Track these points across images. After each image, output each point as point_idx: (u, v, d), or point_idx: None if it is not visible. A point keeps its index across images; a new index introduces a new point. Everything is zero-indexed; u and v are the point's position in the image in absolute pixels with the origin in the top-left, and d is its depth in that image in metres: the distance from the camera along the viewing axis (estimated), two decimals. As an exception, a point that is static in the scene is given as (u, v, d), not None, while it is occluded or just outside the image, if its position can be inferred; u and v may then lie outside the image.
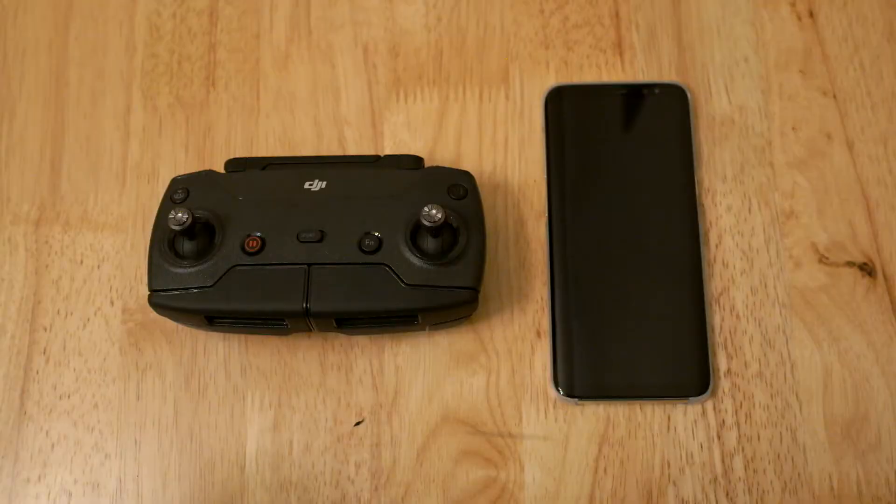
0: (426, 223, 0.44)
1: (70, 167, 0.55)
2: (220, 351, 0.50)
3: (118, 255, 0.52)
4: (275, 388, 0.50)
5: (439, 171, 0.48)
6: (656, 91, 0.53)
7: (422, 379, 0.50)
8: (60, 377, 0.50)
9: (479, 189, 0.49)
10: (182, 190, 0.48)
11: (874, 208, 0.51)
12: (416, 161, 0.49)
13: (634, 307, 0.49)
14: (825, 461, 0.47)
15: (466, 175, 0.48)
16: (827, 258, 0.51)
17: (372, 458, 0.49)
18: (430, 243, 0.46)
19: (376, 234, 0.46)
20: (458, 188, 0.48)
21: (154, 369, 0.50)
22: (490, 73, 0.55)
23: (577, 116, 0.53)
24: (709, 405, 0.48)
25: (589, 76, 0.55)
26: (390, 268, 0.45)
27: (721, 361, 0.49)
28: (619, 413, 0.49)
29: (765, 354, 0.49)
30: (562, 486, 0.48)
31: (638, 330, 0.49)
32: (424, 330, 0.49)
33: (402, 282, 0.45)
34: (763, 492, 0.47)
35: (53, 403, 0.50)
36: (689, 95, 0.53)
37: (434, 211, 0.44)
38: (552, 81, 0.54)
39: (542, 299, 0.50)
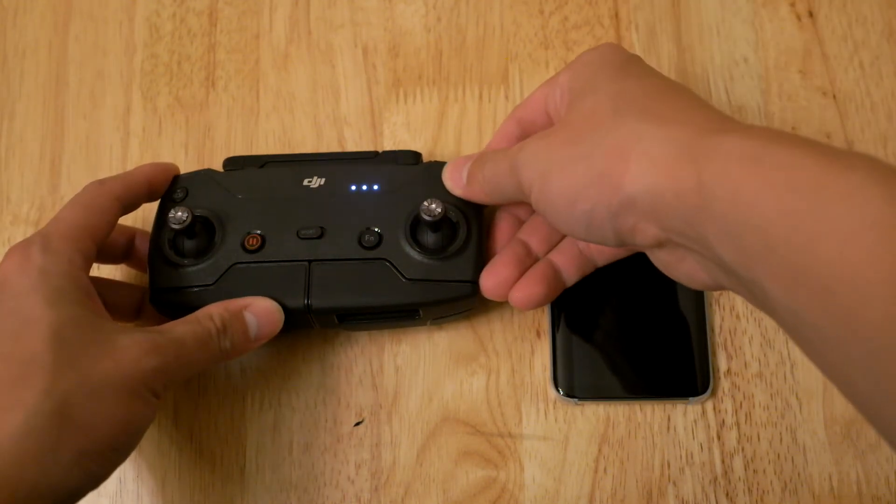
0: (425, 217, 0.44)
1: (70, 167, 0.55)
2: (219, 351, 0.50)
3: (118, 255, 0.52)
4: (275, 388, 0.50)
5: (438, 165, 0.48)
6: (656, 91, 0.53)
7: (422, 379, 0.50)
8: (60, 377, 0.50)
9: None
10: (181, 189, 0.48)
11: (874, 208, 0.51)
12: (414, 156, 0.49)
13: (634, 307, 0.49)
14: (825, 461, 0.47)
15: (465, 170, 0.49)
16: (827, 258, 0.51)
17: (372, 458, 0.49)
18: (429, 238, 0.46)
19: (376, 229, 0.46)
20: None
21: (154, 369, 0.50)
22: (490, 73, 0.55)
23: (577, 116, 0.53)
24: (709, 405, 0.48)
25: (589, 76, 0.55)
26: (391, 263, 0.45)
27: (721, 361, 0.49)
28: (618, 413, 0.49)
29: (765, 354, 0.49)
30: (562, 486, 0.48)
31: (638, 330, 0.49)
32: (426, 324, 0.49)
33: (403, 276, 0.45)
34: (763, 492, 0.47)
35: (53, 403, 0.50)
36: (688, 95, 0.53)
37: (433, 205, 0.44)
38: (552, 82, 0.54)
39: (542, 299, 0.50)
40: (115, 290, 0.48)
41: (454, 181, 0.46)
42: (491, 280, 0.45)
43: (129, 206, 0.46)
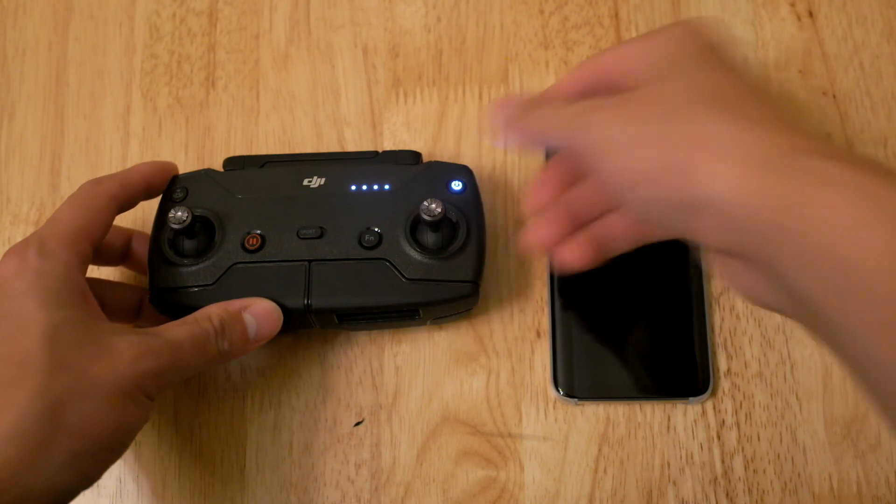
0: (425, 217, 0.44)
1: (70, 167, 0.55)
2: (219, 351, 0.50)
3: (118, 255, 0.52)
4: (275, 388, 0.50)
5: (438, 165, 0.48)
6: (656, 91, 0.53)
7: (422, 379, 0.50)
8: (60, 377, 0.50)
9: (479, 185, 0.49)
10: (181, 189, 0.48)
11: (874, 208, 0.51)
12: (414, 156, 0.49)
13: (634, 307, 0.49)
14: (825, 461, 0.47)
15: (465, 169, 0.48)
16: (827, 258, 0.51)
17: (372, 458, 0.49)
18: (429, 237, 0.46)
19: (376, 229, 0.46)
20: (457, 182, 0.48)
21: (154, 369, 0.50)
22: (490, 73, 0.55)
23: (577, 116, 0.53)
24: (709, 405, 0.48)
25: (588, 76, 0.55)
26: (391, 262, 0.45)
27: (721, 361, 0.49)
28: (619, 413, 0.48)
29: (765, 354, 0.49)
30: (562, 486, 0.48)
31: (638, 330, 0.49)
32: (426, 324, 0.49)
33: (403, 276, 0.45)
34: (763, 492, 0.47)
35: (53, 403, 0.50)
36: (688, 95, 0.53)
37: (433, 205, 0.44)
38: (552, 81, 0.54)
39: (542, 299, 0.50)
40: (113, 291, 0.48)
41: (502, 113, 0.41)
42: (540, 233, 0.42)
43: (126, 205, 0.46)
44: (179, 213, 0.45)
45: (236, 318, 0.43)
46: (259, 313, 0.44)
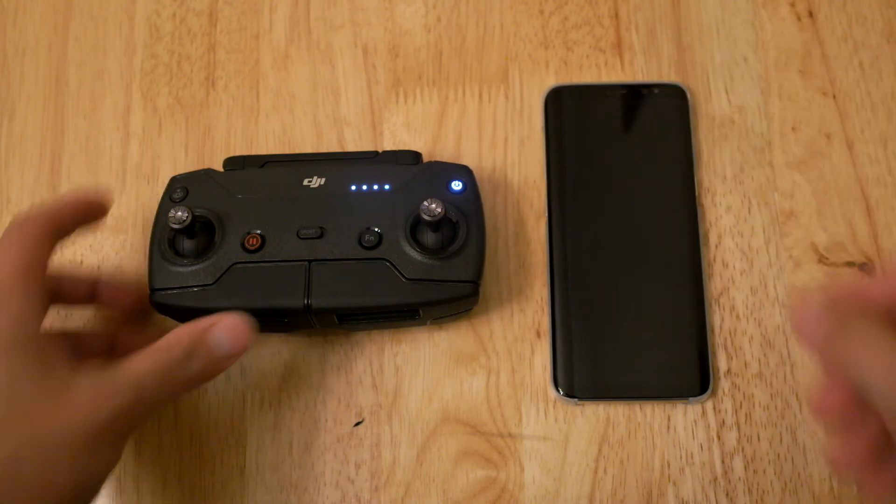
0: (425, 217, 0.44)
1: (70, 167, 0.55)
2: (219, 351, 0.50)
3: (118, 255, 0.52)
4: (275, 388, 0.50)
5: (438, 165, 0.48)
6: (656, 91, 0.53)
7: (422, 379, 0.50)
8: (60, 377, 0.50)
9: (479, 185, 0.49)
10: (181, 189, 0.48)
11: (874, 208, 0.51)
12: (414, 156, 0.49)
13: (634, 307, 0.49)
14: (825, 461, 0.47)
15: (465, 169, 0.49)
16: (827, 258, 0.51)
17: (372, 458, 0.49)
18: (429, 237, 0.46)
19: (376, 229, 0.46)
20: (457, 182, 0.48)
21: (154, 369, 0.50)
22: (490, 73, 0.55)
23: (577, 116, 0.53)
24: (709, 405, 0.48)
25: (588, 76, 0.55)
26: (391, 262, 0.45)
27: (721, 361, 0.49)
28: (619, 413, 0.48)
29: (765, 354, 0.49)
30: (562, 486, 0.48)
31: (638, 330, 0.49)
32: (426, 324, 0.49)
33: (403, 276, 0.45)
34: (763, 492, 0.47)
35: (53, 403, 0.50)
36: (688, 96, 0.53)
37: (433, 205, 0.44)
38: (552, 81, 0.54)
39: (542, 299, 0.50)
40: (83, 338, 0.48)
41: (809, 322, 0.33)
42: (845, 459, 0.35)
43: (62, 233, 0.43)
44: (179, 213, 0.45)
45: (203, 339, 0.41)
46: (227, 329, 0.41)
